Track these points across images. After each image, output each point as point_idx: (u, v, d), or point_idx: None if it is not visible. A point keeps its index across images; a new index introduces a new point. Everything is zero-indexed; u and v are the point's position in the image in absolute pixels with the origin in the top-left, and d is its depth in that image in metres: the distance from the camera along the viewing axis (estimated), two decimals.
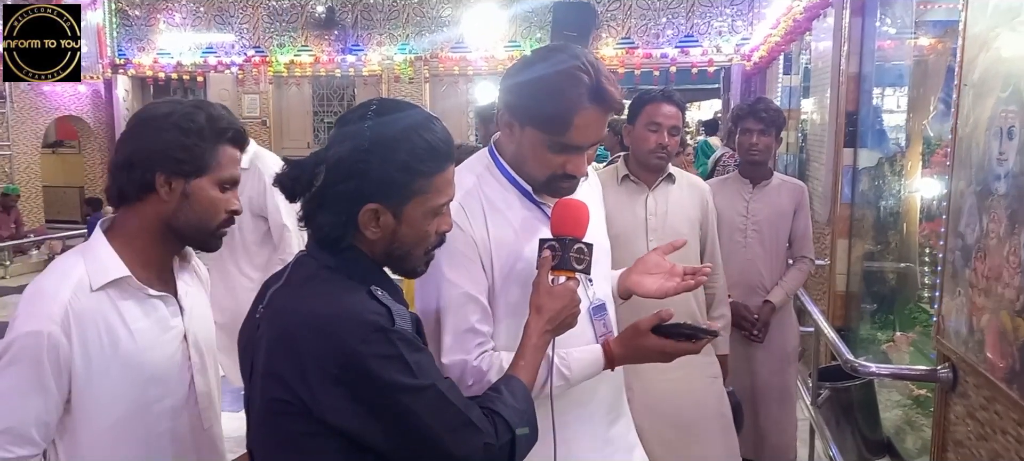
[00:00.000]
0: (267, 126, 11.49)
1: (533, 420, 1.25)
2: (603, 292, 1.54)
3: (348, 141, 1.16)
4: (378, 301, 1.13)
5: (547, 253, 1.34)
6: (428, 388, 1.12)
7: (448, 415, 1.13)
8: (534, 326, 1.31)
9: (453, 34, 10.79)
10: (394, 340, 1.10)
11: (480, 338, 1.40)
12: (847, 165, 4.35)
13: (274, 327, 1.16)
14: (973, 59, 1.93)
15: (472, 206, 1.42)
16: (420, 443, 1.12)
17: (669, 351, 1.39)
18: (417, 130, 1.17)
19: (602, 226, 1.61)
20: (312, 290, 1.16)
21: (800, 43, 6.50)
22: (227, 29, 11.43)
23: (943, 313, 2.07)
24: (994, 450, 1.80)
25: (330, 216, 1.16)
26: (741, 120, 3.15)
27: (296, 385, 1.10)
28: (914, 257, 3.95)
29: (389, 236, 1.19)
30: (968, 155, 1.92)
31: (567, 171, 1.39)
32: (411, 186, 1.17)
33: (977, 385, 1.89)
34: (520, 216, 1.45)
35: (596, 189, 1.66)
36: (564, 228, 1.35)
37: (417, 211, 1.19)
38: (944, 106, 3.75)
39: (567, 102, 1.34)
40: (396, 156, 1.15)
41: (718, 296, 2.67)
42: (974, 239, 1.87)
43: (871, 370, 2.68)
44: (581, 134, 1.36)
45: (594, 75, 1.34)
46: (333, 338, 1.08)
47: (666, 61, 10.17)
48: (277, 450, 1.17)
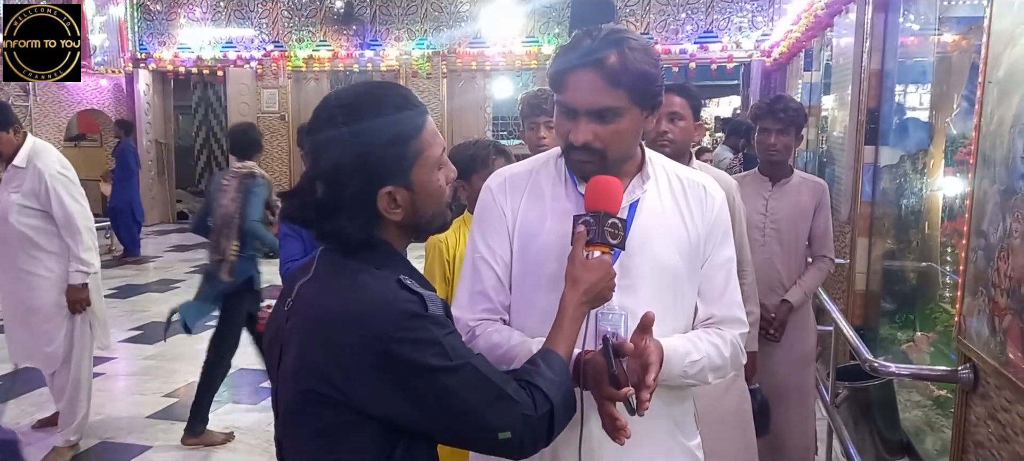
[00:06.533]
0: (285, 121, 11.57)
1: (570, 392, 1.27)
2: (634, 303, 1.40)
3: (332, 146, 1.17)
4: (409, 289, 1.16)
5: (581, 228, 1.35)
6: (464, 366, 1.15)
7: (486, 389, 1.16)
8: (570, 298, 1.31)
9: (471, 29, 10.80)
10: (429, 325, 1.13)
11: (487, 304, 1.46)
12: (868, 163, 4.31)
13: (307, 320, 1.19)
14: (998, 56, 1.90)
15: (516, 184, 1.51)
16: (460, 419, 1.16)
17: (596, 376, 1.29)
18: (384, 99, 1.20)
19: (676, 242, 1.46)
20: (343, 283, 1.18)
21: (821, 39, 6.44)
22: (247, 24, 11.52)
23: (964, 313, 2.04)
24: (1015, 452, 1.78)
25: (349, 220, 1.19)
26: (760, 119, 3.14)
27: (333, 376, 1.12)
28: (935, 256, 3.90)
29: (411, 208, 1.22)
30: (992, 153, 1.90)
31: (569, 138, 1.40)
32: (407, 152, 1.20)
33: (998, 386, 1.87)
34: (558, 200, 1.48)
35: (694, 205, 1.50)
36: (598, 203, 1.36)
37: (423, 171, 1.22)
38: (968, 103, 3.70)
39: (564, 59, 1.39)
40: (383, 135, 1.17)
41: (746, 292, 2.65)
42: (997, 239, 1.84)
43: (891, 370, 2.65)
44: (573, 94, 1.38)
45: (597, 38, 1.37)
46: (370, 329, 1.11)
47: (685, 57, 10.12)
48: (308, 440, 1.19)
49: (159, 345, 5.70)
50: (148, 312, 6.74)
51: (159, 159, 12.27)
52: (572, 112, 1.39)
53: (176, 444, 3.95)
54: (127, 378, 5.14)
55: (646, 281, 1.44)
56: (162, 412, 4.40)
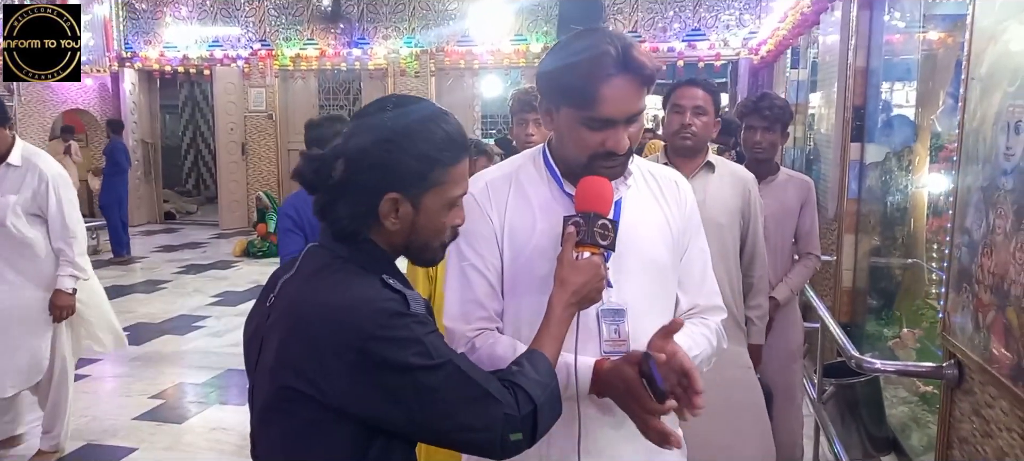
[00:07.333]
0: (273, 120, 11.52)
1: (556, 393, 1.26)
2: (630, 301, 1.43)
3: (368, 133, 1.18)
4: (391, 288, 1.16)
5: (571, 229, 1.34)
6: (445, 364, 1.14)
7: (467, 389, 1.16)
8: (558, 299, 1.31)
9: (459, 28, 10.78)
10: (410, 324, 1.13)
11: (483, 312, 1.42)
12: (854, 160, 4.33)
13: (288, 317, 1.18)
14: (981, 52, 1.91)
15: (499, 186, 1.47)
16: (441, 418, 1.15)
17: (632, 391, 1.28)
18: (435, 121, 1.21)
19: (661, 237, 1.49)
20: (325, 280, 1.18)
21: (808, 37, 6.46)
22: (233, 22, 11.46)
23: (949, 309, 2.05)
24: (999, 447, 1.79)
25: (350, 207, 1.19)
26: (745, 117, 3.14)
27: (312, 374, 1.12)
28: (921, 253, 3.92)
29: (408, 227, 1.21)
30: (975, 150, 1.90)
31: (607, 147, 1.37)
32: (430, 176, 1.19)
33: (983, 382, 1.88)
34: (546, 203, 1.46)
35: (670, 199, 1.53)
36: (588, 204, 1.35)
37: (435, 202, 1.21)
38: (953, 101, 3.71)
39: (594, 74, 1.33)
40: (416, 146, 1.18)
41: (756, 286, 2.68)
42: (981, 235, 1.85)
43: (876, 367, 2.66)
44: (612, 106, 1.34)
45: (620, 46, 1.34)
46: (350, 327, 1.10)
47: (673, 55, 10.14)
48: (283, 437, 1.19)
49: (145, 346, 5.68)
50: (135, 313, 6.68)
51: (145, 159, 12.17)
52: (609, 123, 1.36)
53: (162, 446, 3.92)
54: (113, 380, 5.10)
55: (638, 278, 1.45)
56: (148, 414, 4.37)
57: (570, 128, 1.40)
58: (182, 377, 5.07)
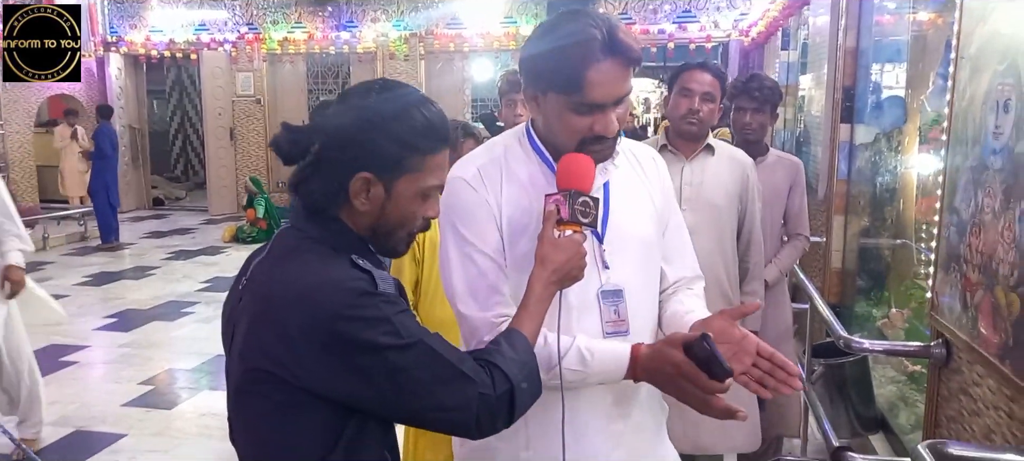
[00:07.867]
0: (261, 104, 11.43)
1: (535, 372, 1.25)
2: (625, 280, 1.44)
3: (350, 112, 1.19)
4: (359, 268, 1.15)
5: (552, 206, 1.33)
6: (416, 344, 1.14)
7: (439, 368, 1.15)
8: (538, 277, 1.30)
9: (448, 10, 10.70)
10: (378, 303, 1.12)
11: (499, 297, 1.40)
12: (844, 141, 4.33)
13: (257, 299, 1.18)
14: (970, 32, 1.90)
15: (491, 171, 1.45)
16: (414, 399, 1.14)
17: (686, 374, 1.26)
18: (418, 107, 1.20)
19: (648, 214, 1.50)
20: (295, 261, 1.18)
21: (798, 18, 6.45)
22: (220, 6, 11.33)
23: (937, 289, 2.06)
24: (986, 425, 1.80)
25: (322, 183, 1.18)
26: (735, 98, 3.13)
27: (281, 355, 1.11)
28: (910, 234, 3.93)
29: (377, 210, 1.20)
30: (964, 130, 1.90)
31: (595, 131, 1.36)
32: (405, 161, 1.18)
33: (970, 361, 1.89)
34: (537, 182, 1.45)
35: (651, 176, 1.55)
36: (569, 181, 1.34)
37: (408, 189, 1.20)
38: (942, 81, 3.71)
39: (580, 58, 1.32)
40: (394, 129, 1.17)
41: (752, 271, 2.68)
42: (969, 215, 1.85)
43: (864, 346, 2.68)
44: (599, 90, 1.33)
45: (606, 28, 1.32)
46: (318, 307, 1.10)
47: (664, 37, 10.11)
48: (257, 419, 1.19)
49: (134, 332, 5.65)
50: (123, 299, 6.65)
51: (133, 145, 12.06)
52: (597, 107, 1.35)
53: (151, 432, 3.91)
54: (102, 366, 5.08)
55: (632, 257, 1.45)
56: (137, 400, 4.35)
57: (557, 113, 1.38)
58: (171, 363, 5.05)
